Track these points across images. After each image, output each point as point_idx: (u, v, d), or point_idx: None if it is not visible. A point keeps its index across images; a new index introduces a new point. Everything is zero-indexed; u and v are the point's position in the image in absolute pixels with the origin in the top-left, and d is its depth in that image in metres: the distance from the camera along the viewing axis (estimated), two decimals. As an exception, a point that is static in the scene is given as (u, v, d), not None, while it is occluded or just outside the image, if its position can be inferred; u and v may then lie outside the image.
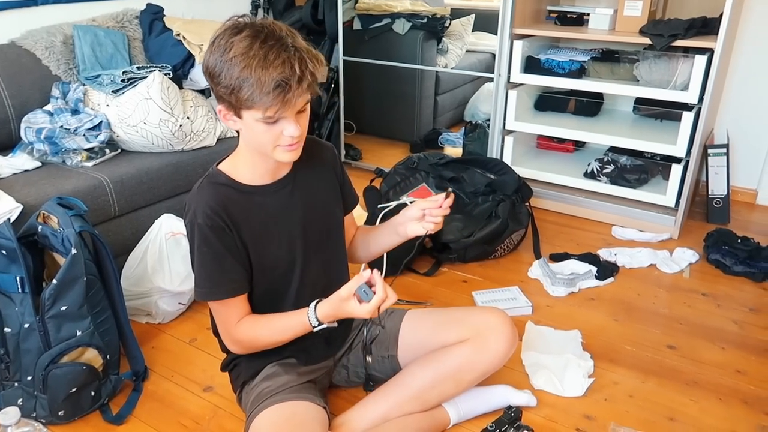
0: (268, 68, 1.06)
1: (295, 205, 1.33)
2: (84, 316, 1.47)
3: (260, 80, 1.06)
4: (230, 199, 1.25)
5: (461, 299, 2.06)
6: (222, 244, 1.23)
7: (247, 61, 1.07)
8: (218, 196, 1.24)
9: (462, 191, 2.42)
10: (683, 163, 2.43)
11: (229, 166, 1.29)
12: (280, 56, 1.07)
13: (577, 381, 1.62)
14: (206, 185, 1.26)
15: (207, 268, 1.25)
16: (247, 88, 1.07)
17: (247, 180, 1.28)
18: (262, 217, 1.29)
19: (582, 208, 2.66)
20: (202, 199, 1.23)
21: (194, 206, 1.23)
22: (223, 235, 1.23)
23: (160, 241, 1.87)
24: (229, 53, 1.08)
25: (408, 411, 1.40)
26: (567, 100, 2.86)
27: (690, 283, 2.17)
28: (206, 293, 1.27)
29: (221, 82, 1.10)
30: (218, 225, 1.22)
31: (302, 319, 1.26)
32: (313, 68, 1.11)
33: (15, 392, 1.45)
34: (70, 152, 2.00)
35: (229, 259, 1.25)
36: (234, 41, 1.08)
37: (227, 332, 1.32)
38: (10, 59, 2.11)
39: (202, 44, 2.32)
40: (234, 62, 1.07)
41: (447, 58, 3.42)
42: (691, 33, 2.29)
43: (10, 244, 1.43)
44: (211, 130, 2.23)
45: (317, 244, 1.37)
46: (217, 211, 1.22)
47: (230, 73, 1.08)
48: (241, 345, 1.33)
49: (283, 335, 1.30)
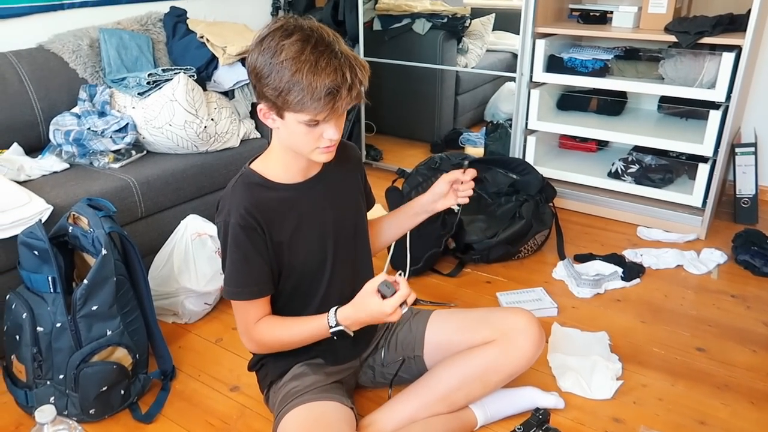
0: (320, 74, 1.08)
1: (326, 204, 1.34)
2: (114, 316, 1.49)
3: (311, 86, 1.08)
4: (263, 198, 1.26)
5: (485, 300, 2.05)
6: (252, 245, 1.24)
7: (298, 65, 1.08)
8: (252, 196, 1.25)
9: (485, 191, 2.41)
10: (710, 162, 2.39)
11: (262, 165, 1.30)
12: (331, 63, 1.09)
13: (605, 383, 1.60)
14: (240, 185, 1.27)
15: (235, 269, 1.26)
16: (298, 92, 1.09)
17: (280, 178, 1.29)
18: (295, 215, 1.30)
19: (606, 208, 2.63)
20: (236, 198, 1.24)
21: (228, 206, 1.24)
22: (254, 235, 1.24)
23: (186, 242, 1.89)
24: (279, 56, 1.09)
25: (435, 412, 1.39)
26: (589, 99, 2.84)
27: (718, 285, 2.13)
28: (232, 292, 1.28)
29: (270, 83, 1.11)
30: (250, 225, 1.23)
31: (321, 322, 1.27)
32: (362, 76, 1.14)
33: (47, 390, 1.47)
34: (98, 154, 2.02)
35: (257, 260, 1.26)
36: (285, 44, 1.09)
37: (246, 330, 1.33)
38: (38, 63, 2.15)
39: (225, 46, 2.33)
40: (285, 65, 1.09)
41: (467, 57, 3.41)
42: (718, 30, 2.26)
43: (42, 245, 1.45)
44: (235, 131, 2.25)
45: (345, 242, 1.38)
46: (250, 211, 1.23)
47: (280, 76, 1.09)
48: (257, 344, 1.34)
49: (299, 336, 1.30)
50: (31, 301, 1.46)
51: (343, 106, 1.13)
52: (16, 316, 1.46)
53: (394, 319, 1.20)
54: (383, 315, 1.19)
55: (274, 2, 3.24)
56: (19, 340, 1.46)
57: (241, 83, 2.35)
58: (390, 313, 1.19)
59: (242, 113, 2.37)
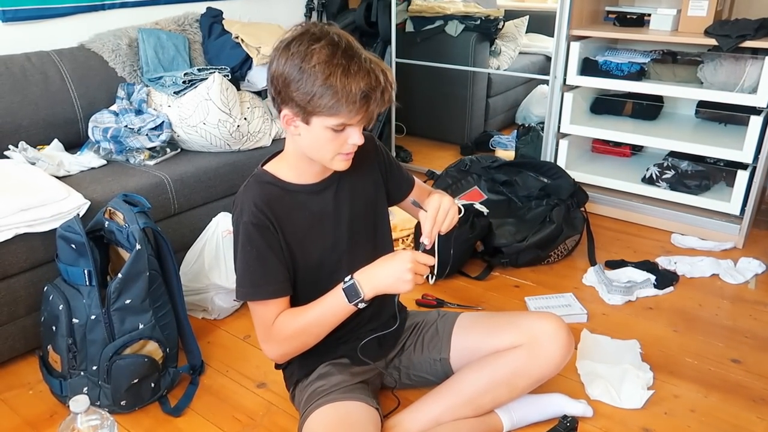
0: (353, 77, 1.09)
1: (341, 204, 1.33)
2: (146, 310, 1.52)
3: (346, 89, 1.08)
4: (275, 197, 1.26)
5: (513, 304, 2.03)
6: (266, 243, 1.24)
7: (331, 69, 1.08)
8: (263, 193, 1.25)
9: (515, 195, 2.39)
10: (750, 169, 2.33)
11: (275, 166, 1.30)
12: (363, 67, 1.10)
13: (635, 392, 1.57)
14: (252, 183, 1.28)
15: (250, 268, 1.24)
16: (331, 96, 1.09)
17: (293, 179, 1.29)
18: (307, 216, 1.29)
19: (640, 214, 2.58)
20: (248, 196, 1.25)
21: (240, 204, 1.25)
22: (267, 233, 1.24)
23: (216, 239, 1.92)
24: (311, 60, 1.09)
25: (461, 415, 1.38)
26: (624, 103, 2.79)
27: (756, 295, 2.07)
28: (246, 293, 1.26)
29: (300, 88, 1.11)
30: (263, 223, 1.23)
31: (337, 290, 1.22)
32: (391, 79, 1.15)
33: (81, 381, 1.51)
34: (134, 151, 2.07)
35: (272, 259, 1.25)
36: (315, 49, 1.09)
37: (265, 333, 1.29)
38: (79, 61, 2.21)
39: (259, 46, 2.36)
40: (317, 69, 1.09)
41: (500, 59, 3.39)
42: (761, 33, 2.20)
43: (80, 239, 1.49)
44: (267, 131, 2.28)
45: (365, 241, 1.37)
46: (261, 208, 1.23)
47: (312, 80, 1.09)
48: (278, 344, 1.30)
49: (319, 315, 1.25)
50: (68, 293, 1.50)
51: (376, 110, 1.14)
52: (53, 308, 1.51)
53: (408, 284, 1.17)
54: (403, 269, 1.17)
55: (308, 3, 3.27)
56: (55, 331, 1.51)
57: (274, 83, 2.37)
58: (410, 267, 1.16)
59: (274, 113, 2.40)
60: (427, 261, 1.20)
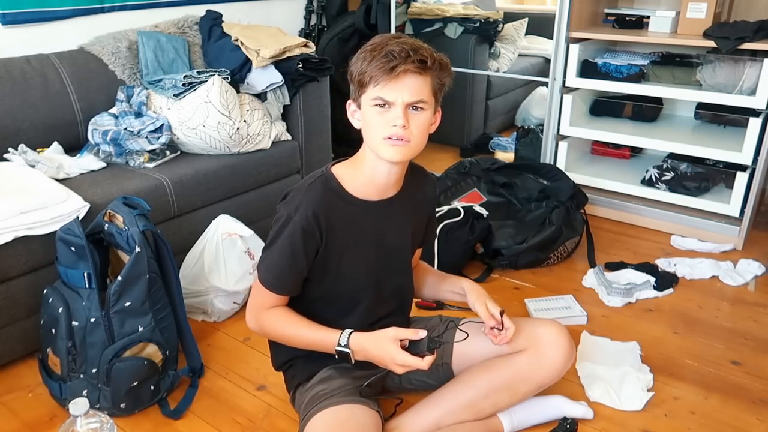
0: (388, 43, 1.17)
1: (387, 228, 1.35)
2: (146, 313, 1.52)
3: (377, 50, 1.16)
4: (334, 206, 1.28)
5: (513, 306, 2.03)
6: (304, 248, 1.26)
7: (374, 47, 1.18)
8: (324, 200, 1.27)
9: (514, 197, 2.39)
10: (749, 171, 2.33)
11: (344, 171, 1.31)
12: (401, 43, 1.17)
13: (635, 394, 1.57)
14: (318, 186, 1.28)
15: (279, 261, 1.29)
16: (367, 62, 1.17)
17: (357, 192, 1.30)
18: (357, 230, 1.31)
19: (639, 216, 2.58)
20: (309, 198, 1.26)
21: (298, 202, 1.26)
22: (311, 240, 1.26)
23: (216, 242, 1.92)
24: (366, 48, 1.20)
25: (461, 419, 1.38)
26: (624, 105, 2.79)
27: (756, 297, 2.07)
28: (266, 279, 1.31)
29: (353, 71, 1.20)
30: (311, 230, 1.25)
31: (331, 336, 1.29)
32: (432, 51, 1.20)
33: (80, 383, 1.51)
34: (134, 153, 2.07)
35: (302, 263, 1.28)
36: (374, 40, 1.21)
37: (254, 311, 1.36)
38: (79, 64, 2.21)
39: (259, 49, 2.36)
40: (366, 50, 1.19)
41: (499, 62, 3.38)
42: (759, 35, 2.20)
43: (79, 241, 1.49)
44: (267, 133, 2.28)
45: (390, 270, 1.40)
46: (317, 215, 1.25)
47: (360, 61, 1.19)
48: (259, 327, 1.36)
49: (304, 340, 1.33)
50: (67, 296, 1.50)
51: (403, 75, 1.15)
52: (52, 310, 1.51)
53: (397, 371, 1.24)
54: (392, 362, 1.23)
55: (307, 5, 3.27)
56: (54, 334, 1.50)
57: (274, 86, 2.37)
58: (399, 364, 1.22)
59: (274, 115, 2.40)
60: (416, 365, 1.22)
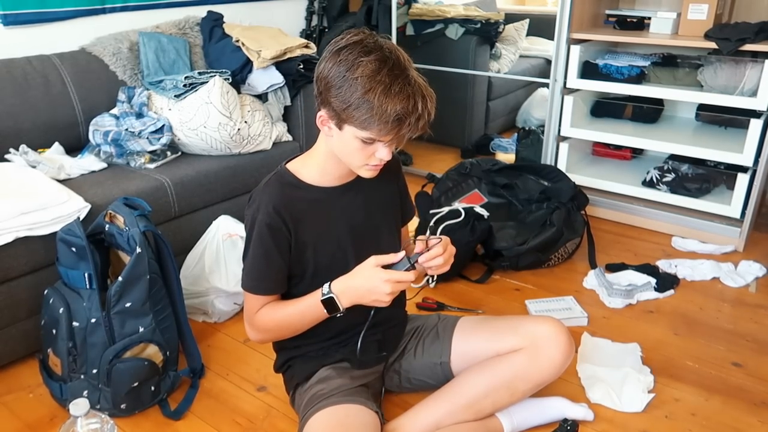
0: (392, 98, 1.10)
1: (356, 209, 1.35)
2: (146, 313, 1.52)
3: (382, 108, 1.09)
4: (294, 198, 1.28)
5: (514, 308, 2.03)
6: (274, 243, 1.27)
7: (372, 85, 1.10)
8: (283, 194, 1.28)
9: (515, 198, 2.39)
10: (750, 172, 2.33)
11: (299, 165, 1.32)
12: (405, 90, 1.11)
13: (636, 396, 1.57)
14: (273, 182, 1.30)
15: (255, 264, 1.29)
16: (367, 111, 1.10)
17: (314, 181, 1.31)
18: (323, 216, 1.32)
19: (640, 217, 2.58)
20: (267, 195, 1.27)
21: (258, 201, 1.27)
22: (279, 235, 1.27)
23: (217, 242, 1.92)
24: (355, 71, 1.10)
25: (461, 419, 1.38)
26: (624, 106, 2.79)
27: (757, 298, 2.07)
28: (247, 284, 1.32)
29: (339, 95, 1.12)
30: (276, 225, 1.26)
31: (317, 296, 1.28)
32: (430, 108, 1.16)
33: (81, 384, 1.51)
34: (134, 154, 2.07)
35: (277, 260, 1.29)
36: (363, 61, 1.11)
37: (249, 318, 1.36)
38: (80, 65, 2.21)
39: (259, 50, 2.36)
40: (359, 82, 1.10)
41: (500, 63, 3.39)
42: (761, 37, 2.20)
43: (80, 242, 1.49)
44: (267, 134, 2.28)
45: (370, 251, 1.37)
46: (279, 210, 1.26)
47: (352, 91, 1.11)
48: (257, 330, 1.36)
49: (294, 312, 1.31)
50: (68, 297, 1.50)
51: (408, 134, 1.15)
52: (53, 311, 1.51)
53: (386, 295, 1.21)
54: (380, 283, 1.21)
55: (308, 7, 3.28)
56: (55, 334, 1.50)
57: (275, 87, 2.37)
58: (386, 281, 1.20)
59: (275, 116, 2.40)
60: (403, 278, 1.22)
